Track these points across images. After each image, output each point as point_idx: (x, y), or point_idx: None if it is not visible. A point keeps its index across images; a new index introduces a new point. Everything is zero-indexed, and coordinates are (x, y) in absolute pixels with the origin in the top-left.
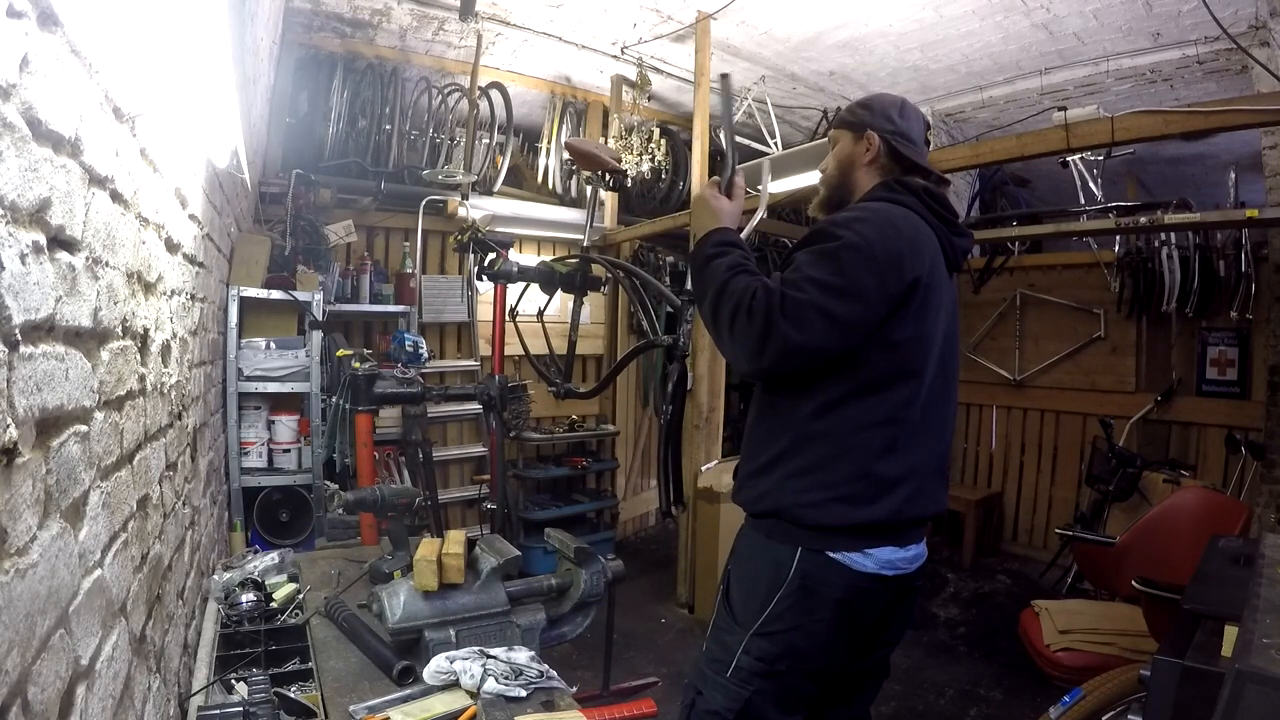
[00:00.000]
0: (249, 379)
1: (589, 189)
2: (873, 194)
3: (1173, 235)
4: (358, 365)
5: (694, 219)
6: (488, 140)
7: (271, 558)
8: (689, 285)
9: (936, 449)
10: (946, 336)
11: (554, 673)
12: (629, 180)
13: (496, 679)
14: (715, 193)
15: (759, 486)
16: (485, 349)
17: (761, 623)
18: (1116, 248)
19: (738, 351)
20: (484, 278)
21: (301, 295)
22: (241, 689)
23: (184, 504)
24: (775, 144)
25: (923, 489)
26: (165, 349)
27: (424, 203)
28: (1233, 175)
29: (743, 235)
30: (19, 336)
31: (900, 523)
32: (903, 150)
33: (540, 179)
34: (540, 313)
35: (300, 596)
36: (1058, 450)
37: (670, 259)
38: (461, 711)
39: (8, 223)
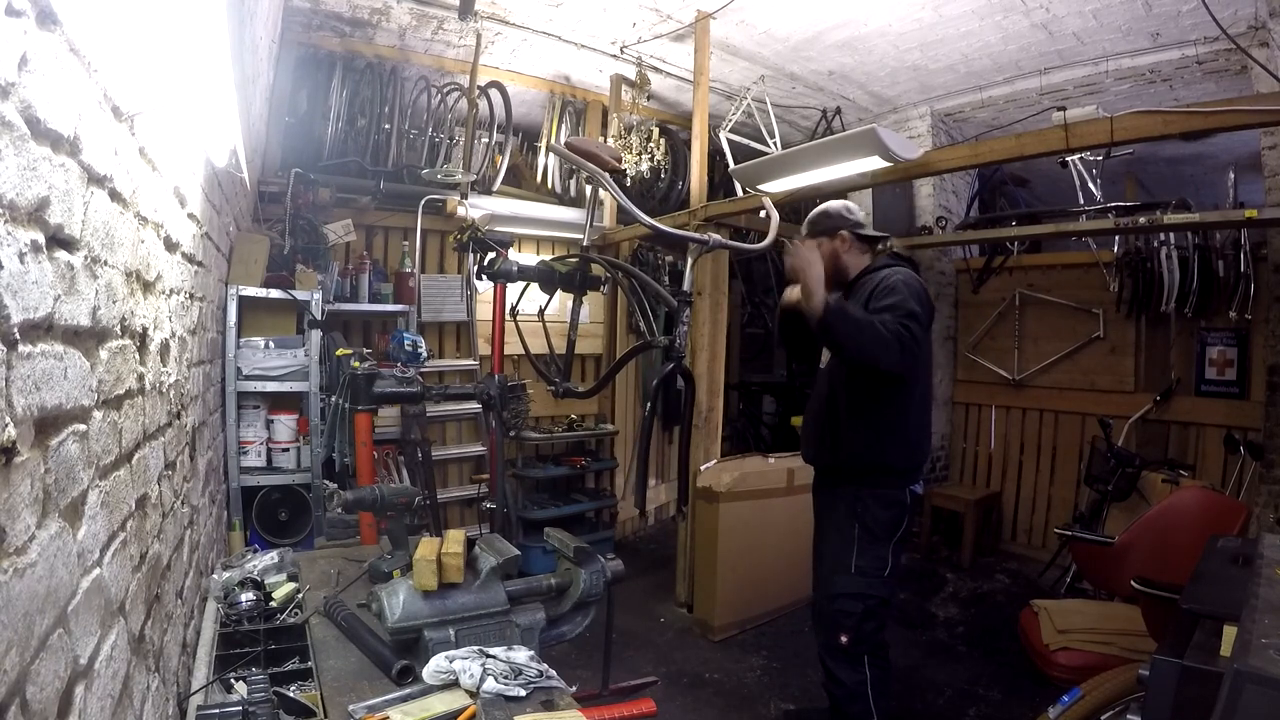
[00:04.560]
0: (248, 378)
1: (588, 188)
2: (879, 263)
3: (1172, 235)
4: (357, 364)
5: (806, 278)
6: (487, 139)
7: (271, 557)
8: (686, 286)
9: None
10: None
11: (553, 672)
12: (628, 180)
13: (496, 678)
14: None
15: (872, 450)
16: (484, 348)
17: (898, 538)
18: (1115, 248)
19: (880, 359)
20: (483, 277)
21: (300, 294)
22: (241, 688)
23: (183, 503)
24: (774, 144)
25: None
26: (164, 348)
27: (423, 202)
28: (1232, 175)
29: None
30: (17, 335)
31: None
32: (863, 234)
33: (540, 178)
34: (541, 311)
35: (300, 596)
36: (1057, 450)
37: (669, 259)
38: (461, 711)
39: (6, 221)
